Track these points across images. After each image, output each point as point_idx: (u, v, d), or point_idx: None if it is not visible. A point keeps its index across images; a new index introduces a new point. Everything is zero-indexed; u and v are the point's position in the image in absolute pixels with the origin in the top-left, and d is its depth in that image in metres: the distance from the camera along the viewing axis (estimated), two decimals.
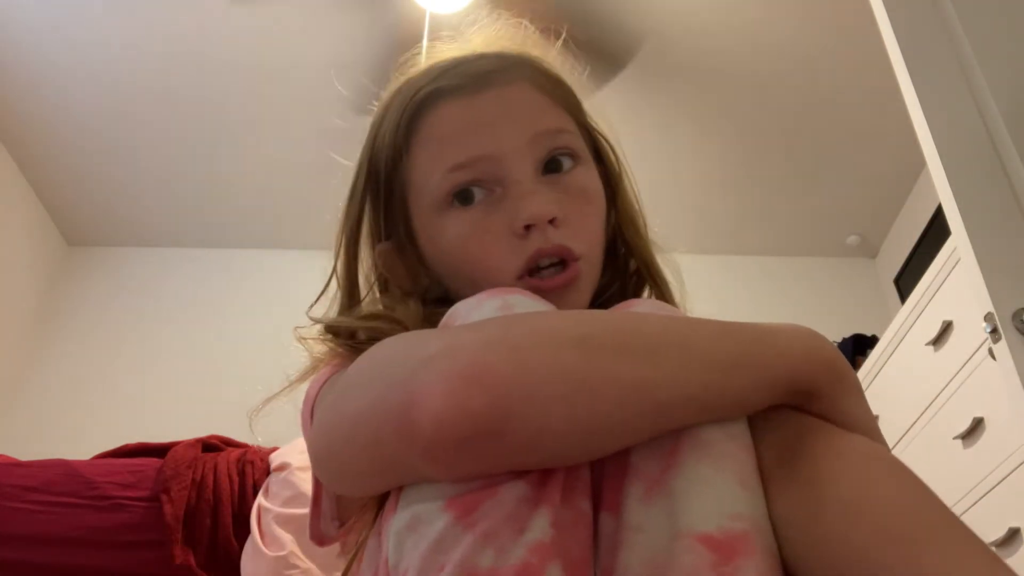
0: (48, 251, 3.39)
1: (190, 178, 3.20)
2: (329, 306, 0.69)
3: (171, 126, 2.98)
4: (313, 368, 0.64)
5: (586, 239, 0.63)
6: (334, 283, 0.69)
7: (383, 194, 0.68)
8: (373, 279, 0.70)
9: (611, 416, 0.45)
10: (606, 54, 2.67)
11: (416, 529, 0.44)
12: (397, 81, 0.70)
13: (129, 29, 2.64)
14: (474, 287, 0.60)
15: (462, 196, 0.62)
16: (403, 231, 0.68)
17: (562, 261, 0.61)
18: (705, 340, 0.48)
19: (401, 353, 0.48)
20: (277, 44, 2.70)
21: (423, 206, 0.65)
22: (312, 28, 2.65)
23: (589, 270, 0.63)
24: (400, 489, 0.47)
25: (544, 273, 0.61)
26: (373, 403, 0.47)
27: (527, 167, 0.62)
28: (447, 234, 0.63)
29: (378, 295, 0.69)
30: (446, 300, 0.62)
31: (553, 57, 0.72)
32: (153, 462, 1.48)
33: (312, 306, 0.68)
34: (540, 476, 0.45)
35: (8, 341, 3.12)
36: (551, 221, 0.61)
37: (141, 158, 3.10)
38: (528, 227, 0.61)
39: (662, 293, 0.70)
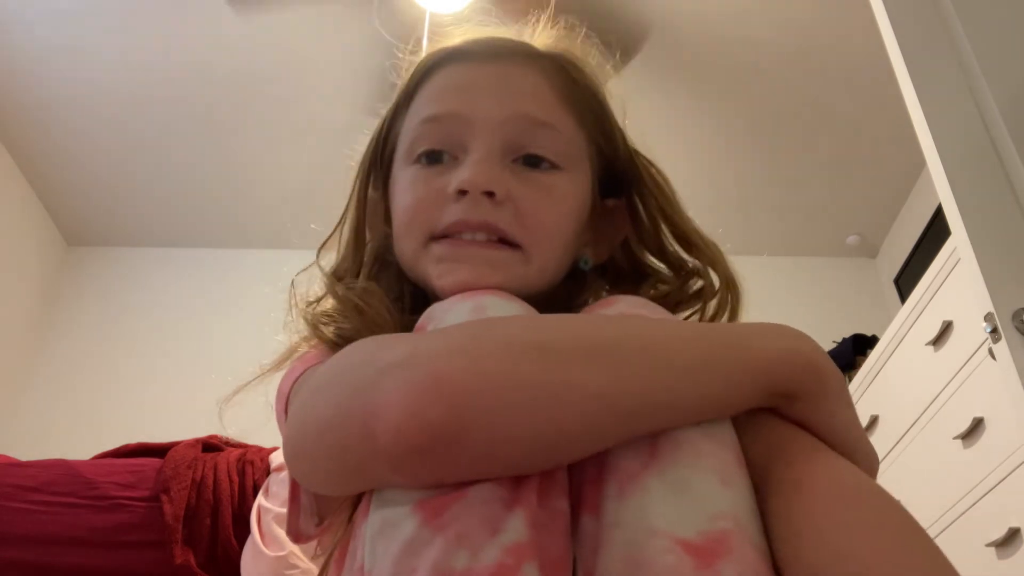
0: (48, 251, 3.39)
1: (189, 179, 3.20)
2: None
3: (170, 127, 2.98)
4: (287, 354, 0.64)
5: (531, 231, 0.59)
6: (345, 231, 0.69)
7: (384, 146, 0.69)
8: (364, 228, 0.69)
9: (574, 425, 0.44)
10: (609, 47, 2.66)
11: (386, 533, 0.44)
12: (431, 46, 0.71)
13: (129, 32, 2.64)
14: (400, 243, 0.62)
15: (429, 157, 0.62)
16: (383, 183, 0.69)
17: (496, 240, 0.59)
18: (673, 343, 0.47)
19: (365, 359, 0.47)
20: (276, 45, 2.70)
21: (399, 157, 0.66)
22: (311, 29, 2.65)
23: (525, 263, 0.59)
24: (373, 491, 0.47)
25: (464, 236, 0.59)
26: (337, 410, 0.46)
27: (493, 141, 0.60)
28: (400, 185, 0.64)
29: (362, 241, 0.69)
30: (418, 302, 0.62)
31: (592, 68, 0.70)
32: (153, 462, 1.48)
33: (321, 247, 0.69)
34: (514, 478, 0.44)
35: (8, 341, 3.12)
36: (490, 195, 0.58)
37: (140, 159, 3.10)
38: (462, 193, 0.59)
39: (738, 297, 0.66)
